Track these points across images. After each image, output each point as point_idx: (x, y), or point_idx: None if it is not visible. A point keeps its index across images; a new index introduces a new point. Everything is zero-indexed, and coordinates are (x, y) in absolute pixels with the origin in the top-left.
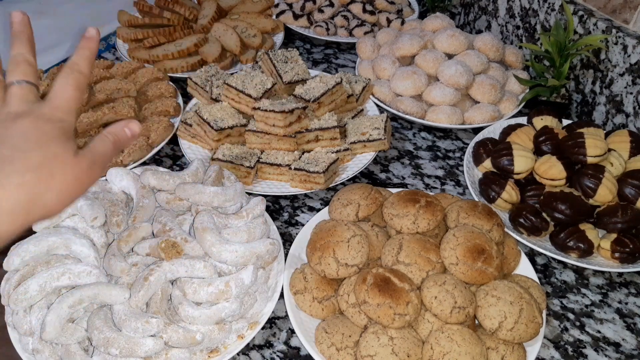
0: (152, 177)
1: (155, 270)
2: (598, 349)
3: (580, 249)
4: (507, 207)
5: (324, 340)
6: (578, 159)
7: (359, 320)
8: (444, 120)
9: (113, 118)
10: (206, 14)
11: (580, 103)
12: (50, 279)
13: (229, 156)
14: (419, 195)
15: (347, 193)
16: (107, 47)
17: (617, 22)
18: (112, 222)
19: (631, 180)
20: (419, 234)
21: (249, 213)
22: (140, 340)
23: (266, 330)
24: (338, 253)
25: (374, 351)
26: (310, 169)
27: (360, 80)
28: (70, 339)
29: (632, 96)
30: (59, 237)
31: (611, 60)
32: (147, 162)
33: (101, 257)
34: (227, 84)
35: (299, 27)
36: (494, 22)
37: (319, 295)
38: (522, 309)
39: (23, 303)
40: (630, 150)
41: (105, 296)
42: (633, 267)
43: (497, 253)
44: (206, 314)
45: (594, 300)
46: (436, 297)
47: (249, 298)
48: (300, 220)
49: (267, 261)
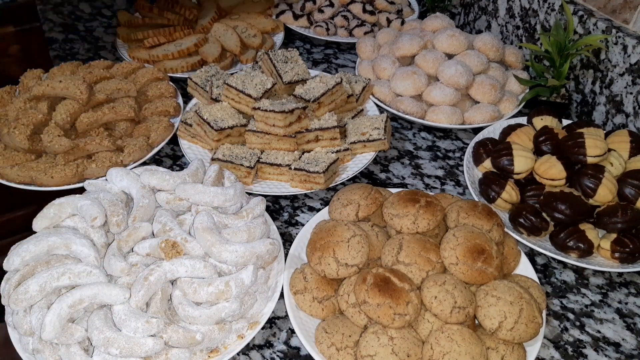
0: (152, 177)
1: (155, 270)
2: (598, 349)
3: (580, 249)
4: (507, 207)
5: (324, 340)
6: (578, 159)
7: (359, 320)
8: (444, 120)
9: (113, 118)
10: (206, 14)
11: (580, 103)
12: (50, 279)
13: (229, 156)
14: (419, 195)
15: (347, 193)
16: None
17: (617, 22)
18: (112, 222)
19: (631, 180)
20: (419, 234)
21: (249, 213)
22: (140, 340)
23: (266, 330)
24: (338, 253)
25: (374, 351)
26: (310, 169)
27: (360, 80)
28: (70, 339)
29: (632, 96)
30: (59, 237)
31: (611, 60)
32: (147, 162)
33: (101, 257)
34: (227, 84)
35: (299, 27)
36: (494, 22)
37: (319, 295)
38: (522, 309)
39: (23, 303)
40: (630, 150)
41: (105, 296)
42: (633, 267)
43: (497, 253)
44: (206, 314)
45: (594, 300)
46: (436, 297)
47: (249, 298)
48: (300, 220)
49: (267, 261)
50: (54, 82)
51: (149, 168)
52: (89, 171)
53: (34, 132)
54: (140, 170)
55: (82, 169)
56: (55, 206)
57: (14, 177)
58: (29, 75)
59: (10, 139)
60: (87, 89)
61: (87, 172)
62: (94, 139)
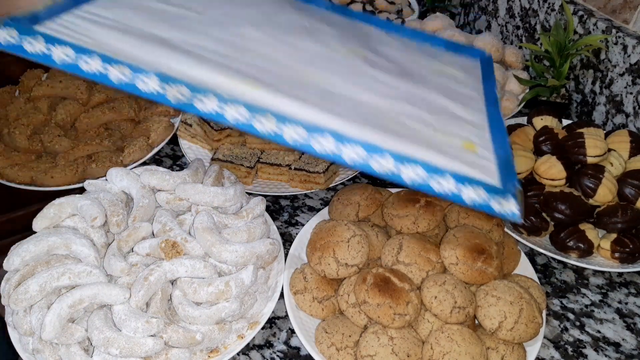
0: (152, 177)
1: (155, 270)
2: (598, 349)
3: (580, 249)
4: None
5: (324, 340)
6: (578, 159)
7: (359, 320)
8: None
9: (113, 118)
10: None
11: (580, 103)
12: (50, 279)
13: (229, 156)
14: (419, 195)
15: (347, 193)
16: None
17: (617, 22)
18: (112, 222)
19: (631, 180)
20: (419, 234)
21: (249, 213)
22: (140, 340)
23: (266, 330)
24: (338, 253)
25: (374, 351)
26: (310, 169)
27: None
28: (70, 339)
29: (632, 96)
30: (59, 237)
31: (611, 60)
32: (147, 162)
33: (101, 257)
34: None
35: None
36: (494, 22)
37: (319, 295)
38: (522, 309)
39: (23, 303)
40: (630, 150)
41: (105, 296)
42: (633, 267)
43: (497, 253)
44: (206, 313)
45: (594, 300)
46: (436, 297)
47: (249, 298)
48: (300, 220)
49: (267, 261)
50: (54, 82)
51: (149, 168)
52: (89, 171)
53: (34, 132)
54: (140, 170)
55: (82, 169)
56: (55, 206)
57: (14, 177)
58: (29, 75)
59: (10, 139)
60: (87, 89)
61: (87, 172)
62: (94, 139)
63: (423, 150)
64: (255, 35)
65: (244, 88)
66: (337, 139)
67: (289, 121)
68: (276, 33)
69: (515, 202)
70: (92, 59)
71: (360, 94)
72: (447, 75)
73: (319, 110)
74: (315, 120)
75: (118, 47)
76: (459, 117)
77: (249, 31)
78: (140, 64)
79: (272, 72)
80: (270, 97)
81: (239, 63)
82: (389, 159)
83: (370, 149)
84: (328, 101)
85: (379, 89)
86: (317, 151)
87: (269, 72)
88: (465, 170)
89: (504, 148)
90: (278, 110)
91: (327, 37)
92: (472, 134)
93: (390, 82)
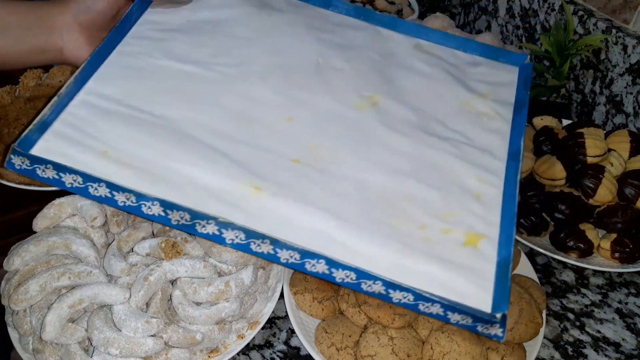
0: None
1: (155, 270)
2: (598, 349)
3: (580, 249)
4: None
5: (324, 340)
6: (578, 159)
7: (359, 320)
8: None
9: None
10: None
11: (580, 103)
12: (50, 279)
13: None
14: None
15: None
16: None
17: (617, 22)
18: (112, 222)
19: (631, 180)
20: None
21: None
22: (140, 340)
23: (266, 330)
24: None
25: (374, 351)
26: None
27: None
28: (70, 339)
29: (632, 96)
30: (59, 237)
31: (611, 60)
32: None
33: (101, 257)
34: None
35: None
36: (494, 22)
37: (319, 295)
38: (522, 309)
39: (23, 303)
40: (630, 150)
41: (105, 296)
42: (633, 267)
43: None
44: (206, 313)
45: (594, 300)
46: None
47: (249, 298)
48: None
49: (267, 261)
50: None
51: None
52: None
53: None
54: None
55: None
56: (55, 206)
57: (14, 177)
58: (29, 75)
59: (10, 139)
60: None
61: None
62: None
63: (417, 262)
64: (262, 95)
65: (243, 191)
66: (330, 264)
67: (285, 247)
68: (286, 87)
69: (501, 328)
70: (99, 187)
71: (366, 172)
72: (474, 113)
73: (316, 210)
74: (312, 225)
75: (125, 162)
76: (469, 190)
77: (256, 90)
78: (143, 188)
79: (275, 162)
80: (270, 201)
81: (240, 154)
82: (380, 284)
83: (362, 275)
84: (329, 192)
85: (386, 162)
86: (309, 270)
87: (272, 164)
88: (458, 290)
89: (508, 240)
90: (274, 232)
91: (340, 80)
92: (477, 219)
93: (402, 148)
